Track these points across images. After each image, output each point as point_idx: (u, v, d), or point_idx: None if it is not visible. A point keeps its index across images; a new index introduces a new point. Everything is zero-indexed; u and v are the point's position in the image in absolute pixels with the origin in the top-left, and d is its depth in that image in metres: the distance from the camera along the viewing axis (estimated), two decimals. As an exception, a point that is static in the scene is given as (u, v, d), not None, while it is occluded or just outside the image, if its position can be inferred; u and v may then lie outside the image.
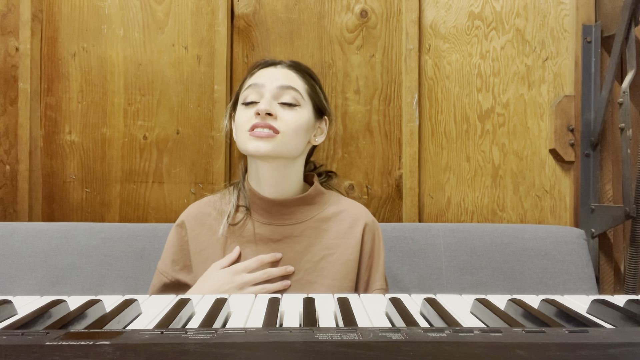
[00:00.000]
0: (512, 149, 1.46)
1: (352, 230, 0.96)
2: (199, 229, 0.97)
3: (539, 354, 0.35)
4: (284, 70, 0.95)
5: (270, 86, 0.91)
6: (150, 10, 1.45)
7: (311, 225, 0.95)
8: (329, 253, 0.93)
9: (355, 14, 1.46)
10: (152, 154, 1.45)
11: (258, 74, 0.95)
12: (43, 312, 0.49)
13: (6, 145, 1.46)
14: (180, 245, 0.98)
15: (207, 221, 0.97)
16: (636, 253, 1.29)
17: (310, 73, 1.00)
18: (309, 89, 0.96)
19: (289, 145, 0.90)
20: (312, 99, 0.96)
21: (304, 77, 0.96)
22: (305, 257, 0.93)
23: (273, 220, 0.95)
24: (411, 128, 1.43)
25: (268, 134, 0.87)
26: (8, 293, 1.20)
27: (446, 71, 1.46)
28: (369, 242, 0.97)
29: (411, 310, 0.52)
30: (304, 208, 0.96)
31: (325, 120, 1.01)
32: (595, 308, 0.54)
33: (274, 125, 0.88)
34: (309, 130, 0.95)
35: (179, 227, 0.99)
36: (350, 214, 0.98)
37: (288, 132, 0.89)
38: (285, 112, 0.91)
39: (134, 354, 0.34)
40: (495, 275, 1.26)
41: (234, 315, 0.53)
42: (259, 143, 0.88)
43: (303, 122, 0.92)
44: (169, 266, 0.97)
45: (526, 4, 1.45)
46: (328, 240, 0.95)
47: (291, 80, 0.93)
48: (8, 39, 1.45)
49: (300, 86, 0.94)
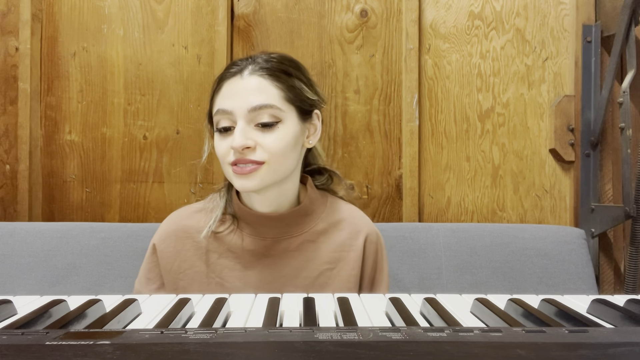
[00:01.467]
0: (512, 148, 1.46)
1: (353, 242, 0.88)
2: (180, 247, 0.87)
3: (539, 354, 0.35)
4: (254, 80, 0.79)
5: (240, 111, 0.78)
6: (150, 10, 1.45)
7: (308, 238, 0.87)
8: (329, 268, 0.86)
9: (355, 13, 1.46)
10: (152, 154, 1.45)
11: (225, 90, 0.81)
12: (43, 311, 0.49)
13: (6, 145, 1.46)
14: (154, 269, 0.90)
15: (190, 236, 0.87)
16: (636, 253, 1.29)
17: (286, 68, 0.83)
18: (287, 93, 0.81)
19: (278, 171, 0.80)
20: (293, 103, 0.82)
21: (278, 80, 0.81)
22: (303, 273, 0.85)
23: (266, 234, 0.86)
24: (411, 128, 1.43)
25: (252, 168, 0.77)
26: (8, 293, 1.19)
27: (446, 71, 1.46)
28: (371, 254, 0.89)
29: (411, 310, 0.52)
30: (300, 220, 0.87)
31: (317, 114, 0.88)
32: (595, 308, 0.54)
33: (256, 158, 0.78)
34: (298, 140, 0.83)
35: (153, 252, 0.90)
36: (350, 224, 0.90)
37: (274, 159, 0.79)
38: (265, 135, 0.78)
39: (134, 354, 0.34)
40: (495, 275, 1.26)
41: (234, 315, 0.53)
42: (244, 181, 0.78)
43: (289, 138, 0.80)
44: (144, 285, 0.89)
45: (526, 4, 1.45)
46: (327, 253, 0.87)
47: (263, 94, 0.79)
48: (8, 39, 1.45)
49: (275, 97, 0.79)
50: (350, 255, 0.87)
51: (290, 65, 0.85)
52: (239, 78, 0.80)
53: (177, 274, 0.87)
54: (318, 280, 0.85)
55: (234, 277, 0.85)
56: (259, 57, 0.84)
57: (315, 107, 0.87)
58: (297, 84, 0.83)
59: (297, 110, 0.83)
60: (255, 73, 0.80)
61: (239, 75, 0.81)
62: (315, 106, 0.87)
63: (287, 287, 0.85)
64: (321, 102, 0.89)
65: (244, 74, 0.80)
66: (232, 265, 0.86)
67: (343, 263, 0.86)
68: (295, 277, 0.85)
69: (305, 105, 0.84)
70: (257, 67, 0.81)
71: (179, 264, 0.87)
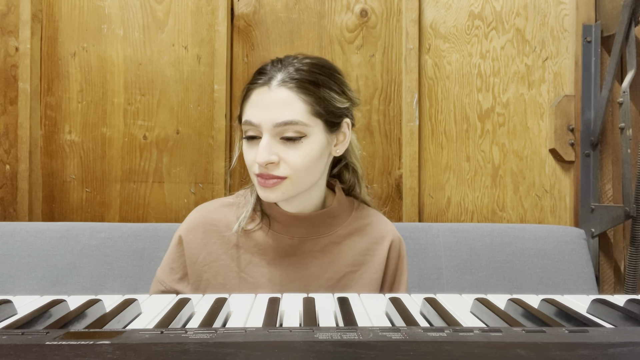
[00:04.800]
0: (512, 148, 1.46)
1: (378, 247, 0.89)
2: (207, 240, 0.88)
3: (539, 354, 0.35)
4: (281, 93, 0.78)
5: (266, 126, 0.78)
6: (150, 10, 1.45)
7: (333, 240, 0.88)
8: (352, 270, 0.87)
9: (355, 13, 1.46)
10: (152, 154, 1.45)
11: (253, 100, 0.81)
12: (43, 311, 0.49)
13: (6, 145, 1.46)
14: (178, 259, 0.90)
15: (218, 229, 0.88)
16: (636, 253, 1.29)
17: (315, 78, 0.81)
18: (315, 106, 0.80)
19: (301, 184, 0.81)
20: (320, 116, 0.80)
21: (306, 93, 0.79)
22: (327, 274, 0.86)
23: (294, 233, 0.87)
24: (411, 128, 1.43)
25: (274, 182, 0.79)
26: (8, 293, 1.19)
27: (446, 71, 1.46)
28: (394, 260, 0.90)
29: (411, 309, 0.52)
30: (327, 221, 0.89)
31: (347, 123, 0.86)
32: (595, 308, 0.54)
33: (279, 173, 0.78)
34: (324, 153, 0.83)
35: (178, 242, 0.90)
36: (376, 229, 0.91)
37: (297, 174, 0.79)
38: (289, 151, 0.78)
39: (134, 354, 0.34)
40: (495, 275, 1.26)
41: (234, 315, 0.53)
42: (267, 193, 0.80)
43: (313, 154, 0.80)
44: (167, 274, 0.90)
45: (526, 4, 1.45)
46: (351, 256, 0.88)
47: (289, 109, 0.78)
48: (8, 39, 1.45)
49: (301, 112, 0.78)
50: (374, 260, 0.88)
51: (322, 73, 0.82)
52: (267, 89, 0.79)
53: (202, 266, 0.88)
54: (341, 281, 0.86)
55: (259, 273, 0.86)
56: (290, 64, 0.82)
57: (344, 116, 0.86)
58: (326, 95, 0.81)
59: (325, 123, 0.81)
60: (284, 85, 0.79)
61: (267, 86, 0.79)
62: (345, 114, 0.86)
63: (310, 287, 0.86)
64: (353, 106, 0.88)
65: (272, 85, 0.79)
66: (257, 261, 0.87)
67: (366, 267, 0.88)
68: (318, 278, 0.86)
69: (333, 117, 0.83)
70: (286, 77, 0.79)
71: (205, 256, 0.88)
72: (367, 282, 0.87)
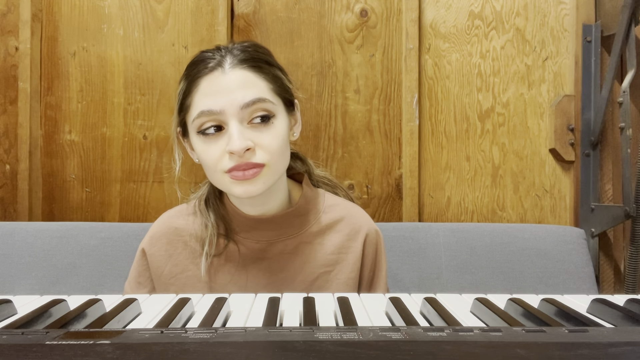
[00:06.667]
0: (512, 148, 1.46)
1: (352, 243, 0.84)
2: (172, 251, 0.84)
3: (539, 354, 0.35)
4: (237, 74, 0.72)
5: (231, 110, 0.70)
6: (150, 10, 1.45)
7: (304, 240, 0.83)
8: (326, 271, 0.82)
9: (355, 13, 1.46)
10: (152, 154, 1.45)
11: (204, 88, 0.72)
12: (43, 311, 0.49)
13: (6, 144, 1.46)
14: (144, 272, 0.87)
15: (182, 239, 0.84)
16: (636, 252, 1.29)
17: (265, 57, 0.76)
18: (273, 84, 0.75)
19: (278, 170, 0.75)
20: (280, 95, 0.76)
21: (262, 71, 0.74)
22: (300, 276, 0.82)
23: (260, 237, 0.82)
24: (411, 128, 1.43)
25: (254, 172, 0.71)
26: (8, 292, 1.20)
27: (446, 71, 1.46)
28: (370, 255, 0.85)
29: (411, 309, 0.52)
30: (294, 221, 0.83)
31: (295, 104, 0.82)
32: (595, 307, 0.54)
33: (257, 160, 0.71)
34: (288, 134, 0.78)
35: (142, 256, 0.86)
36: (349, 224, 0.85)
37: (274, 159, 0.73)
38: (262, 134, 0.72)
39: (134, 354, 0.34)
40: (495, 274, 1.26)
41: (234, 315, 0.53)
42: (247, 187, 0.72)
43: (283, 133, 0.75)
44: (134, 289, 0.86)
45: (526, 4, 1.45)
46: (324, 255, 0.83)
47: (252, 88, 0.72)
48: (8, 39, 1.45)
49: (264, 90, 0.73)
50: (349, 258, 0.83)
51: (267, 54, 0.78)
52: (220, 73, 0.72)
53: (168, 278, 0.84)
54: (315, 283, 0.82)
55: (229, 281, 0.82)
56: (234, 48, 0.76)
57: (294, 97, 0.82)
58: (278, 74, 0.77)
59: (284, 102, 0.77)
60: (238, 66, 0.73)
61: (219, 69, 0.72)
62: (294, 95, 0.82)
63: (284, 290, 0.82)
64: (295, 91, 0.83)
65: (225, 68, 0.72)
66: (226, 269, 0.83)
67: (341, 266, 0.83)
68: (292, 281, 0.82)
69: (288, 95, 0.79)
70: (235, 59, 0.73)
71: (171, 268, 0.84)
72: (343, 282, 0.82)
